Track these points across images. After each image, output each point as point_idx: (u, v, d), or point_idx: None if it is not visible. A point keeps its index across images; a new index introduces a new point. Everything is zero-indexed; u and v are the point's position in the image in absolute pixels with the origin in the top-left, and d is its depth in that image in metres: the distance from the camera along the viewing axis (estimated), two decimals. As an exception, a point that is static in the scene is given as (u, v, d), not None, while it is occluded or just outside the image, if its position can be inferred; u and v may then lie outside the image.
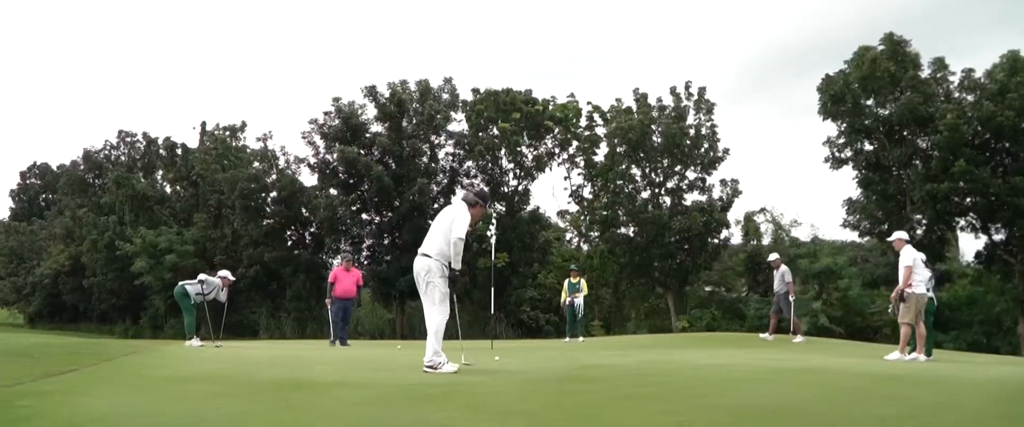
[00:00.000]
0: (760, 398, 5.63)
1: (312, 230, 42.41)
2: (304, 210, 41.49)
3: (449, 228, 7.49)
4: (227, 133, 45.29)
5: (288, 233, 42.71)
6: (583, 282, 19.21)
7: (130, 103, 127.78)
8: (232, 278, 15.52)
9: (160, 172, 49.69)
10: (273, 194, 41.73)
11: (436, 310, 7.42)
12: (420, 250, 7.64)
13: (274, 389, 5.98)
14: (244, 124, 45.92)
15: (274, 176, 42.18)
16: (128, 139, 52.25)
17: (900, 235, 12.44)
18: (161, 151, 48.70)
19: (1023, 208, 30.63)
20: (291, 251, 42.15)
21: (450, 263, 7.42)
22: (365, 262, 40.91)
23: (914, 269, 11.65)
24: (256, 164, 42.69)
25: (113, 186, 46.11)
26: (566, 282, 19.00)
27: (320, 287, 42.09)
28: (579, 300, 18.56)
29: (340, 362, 8.98)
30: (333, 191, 39.89)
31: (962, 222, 32.91)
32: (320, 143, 38.67)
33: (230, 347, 13.96)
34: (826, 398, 5.72)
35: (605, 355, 11.72)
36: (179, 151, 46.89)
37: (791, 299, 16.58)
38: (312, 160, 38.97)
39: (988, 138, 31.83)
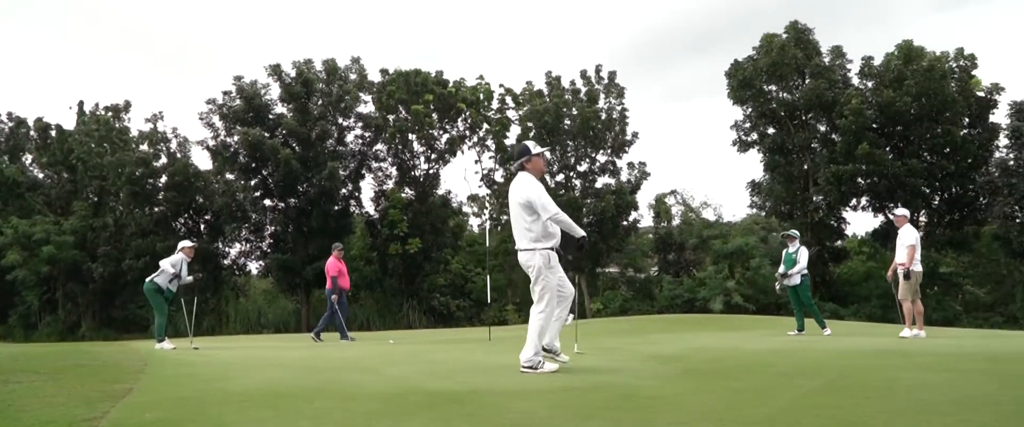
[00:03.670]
0: (948, 391, 5.21)
1: (207, 217, 39.84)
2: (199, 197, 38.89)
3: (530, 209, 6.77)
4: (110, 114, 41.76)
5: (181, 221, 39.91)
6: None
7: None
8: (193, 243, 14.00)
9: (30, 156, 45.26)
10: (164, 179, 38.87)
11: (540, 307, 6.79)
12: (516, 246, 6.99)
13: (430, 404, 4.94)
14: (128, 104, 42.44)
15: (164, 160, 39.31)
16: (-10, 120, 47.28)
17: (903, 212, 12.64)
18: (32, 133, 44.39)
19: (917, 188, 32.69)
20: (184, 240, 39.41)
21: (558, 245, 6.93)
22: (268, 250, 38.95)
23: (916, 247, 11.85)
24: (144, 147, 39.63)
25: (-24, 172, 41.71)
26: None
27: (216, 278, 39.75)
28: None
29: (414, 364, 7.93)
30: (230, 176, 37.65)
31: (864, 201, 34.61)
32: (219, 125, 36.30)
33: (207, 348, 12.72)
34: (997, 385, 5.45)
35: (638, 342, 11.28)
36: (53, 133, 42.87)
37: None
38: (211, 143, 36.52)
39: (884, 123, 33.65)
